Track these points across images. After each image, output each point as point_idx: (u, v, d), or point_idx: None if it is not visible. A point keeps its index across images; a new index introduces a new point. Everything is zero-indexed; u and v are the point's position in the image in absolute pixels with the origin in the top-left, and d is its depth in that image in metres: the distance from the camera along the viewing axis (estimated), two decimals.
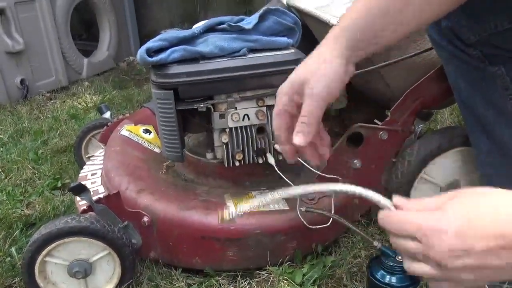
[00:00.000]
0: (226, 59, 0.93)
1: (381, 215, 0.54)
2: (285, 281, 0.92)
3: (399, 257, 0.74)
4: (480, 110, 0.86)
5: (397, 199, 0.56)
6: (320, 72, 0.65)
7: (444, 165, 0.99)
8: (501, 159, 0.87)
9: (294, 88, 0.66)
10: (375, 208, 0.98)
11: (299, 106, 0.67)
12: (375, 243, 0.77)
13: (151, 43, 0.92)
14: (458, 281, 0.47)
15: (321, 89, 0.65)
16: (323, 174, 0.97)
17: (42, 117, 2.03)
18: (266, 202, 0.65)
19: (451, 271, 0.47)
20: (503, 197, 0.47)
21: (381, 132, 0.98)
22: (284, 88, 0.68)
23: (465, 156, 1.00)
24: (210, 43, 0.93)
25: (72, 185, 0.89)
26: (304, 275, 0.92)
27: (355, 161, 0.99)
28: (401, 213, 0.53)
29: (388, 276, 0.75)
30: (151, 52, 0.92)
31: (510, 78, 0.80)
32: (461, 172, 1.02)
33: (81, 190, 0.90)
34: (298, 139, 0.65)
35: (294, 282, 0.91)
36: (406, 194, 0.99)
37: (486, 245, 0.44)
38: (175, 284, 0.94)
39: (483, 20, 0.76)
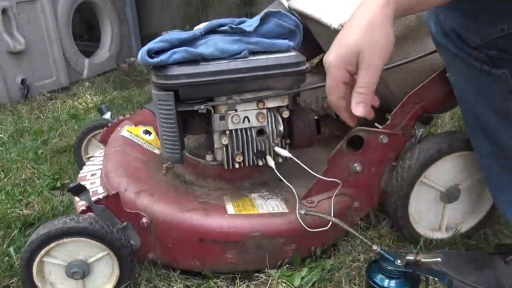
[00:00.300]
0: (226, 61, 0.93)
1: None
2: (284, 284, 0.92)
3: (398, 261, 0.74)
4: (483, 112, 0.86)
5: None
6: (376, 42, 0.64)
7: (444, 169, 0.99)
8: (503, 162, 0.87)
9: (349, 60, 0.65)
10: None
11: (352, 75, 0.67)
12: (374, 247, 0.77)
13: (152, 44, 0.92)
14: None
15: (379, 60, 0.64)
16: (323, 178, 0.97)
17: (42, 117, 2.03)
18: None
19: None
20: None
21: (381, 136, 0.98)
22: (338, 61, 0.65)
23: (465, 160, 1.00)
24: (211, 45, 0.93)
25: (71, 185, 0.89)
26: (302, 278, 0.92)
27: (355, 164, 0.99)
28: None
29: (387, 280, 0.75)
30: (152, 53, 0.92)
31: None
32: (461, 176, 1.01)
33: (80, 190, 0.90)
34: (360, 109, 0.66)
35: (293, 285, 0.91)
36: (406, 197, 0.99)
37: None
38: (173, 286, 0.94)
39: (488, 23, 0.76)
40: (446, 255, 0.91)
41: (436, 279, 0.77)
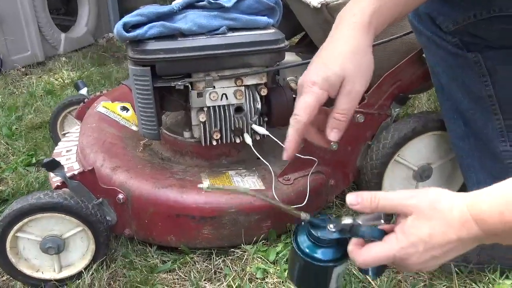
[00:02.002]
0: (205, 36, 0.92)
1: (355, 254, 0.60)
2: (259, 259, 0.93)
3: (331, 226, 0.63)
4: (457, 95, 0.88)
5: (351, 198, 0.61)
6: (359, 69, 0.64)
7: (418, 149, 1.02)
8: (474, 144, 0.90)
9: (333, 84, 0.64)
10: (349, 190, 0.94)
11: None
12: (303, 215, 0.66)
13: (129, 18, 0.90)
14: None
15: (361, 86, 0.65)
16: (300, 156, 0.98)
17: (17, 92, 1.98)
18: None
19: (422, 269, 0.57)
20: (450, 206, 0.54)
21: (358, 115, 0.99)
22: (323, 83, 0.63)
23: (438, 140, 1.02)
24: (189, 20, 0.92)
25: (45, 160, 0.88)
26: (278, 253, 0.94)
27: (332, 143, 1.00)
28: (373, 251, 0.58)
29: (314, 248, 0.63)
30: (128, 27, 0.90)
31: (486, 66, 0.82)
32: (433, 156, 1.04)
33: (54, 166, 0.89)
34: (335, 135, 0.66)
35: (268, 260, 0.93)
36: (380, 176, 1.01)
37: (448, 248, 0.53)
38: (150, 261, 0.95)
39: (462, 10, 0.77)
40: None
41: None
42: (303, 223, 0.66)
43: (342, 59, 0.64)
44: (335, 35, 0.67)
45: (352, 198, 0.60)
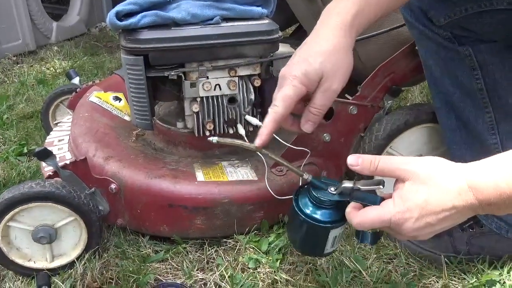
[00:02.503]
0: (198, 26, 0.91)
1: (352, 216, 0.61)
2: (251, 249, 0.94)
3: (332, 189, 0.65)
4: (448, 89, 0.88)
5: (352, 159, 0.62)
6: (338, 68, 0.67)
7: (410, 141, 1.02)
8: (466, 136, 0.91)
9: (312, 80, 0.67)
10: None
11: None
12: (305, 176, 0.68)
13: (122, 7, 0.90)
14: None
15: (338, 85, 0.67)
16: (293, 147, 0.98)
17: (8, 81, 1.96)
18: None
19: (417, 237, 0.58)
20: (448, 174, 0.55)
21: (351, 107, 0.99)
22: (303, 78, 0.66)
23: (430, 133, 1.03)
24: (183, 10, 0.92)
25: (37, 149, 0.87)
26: (270, 243, 0.94)
27: (325, 134, 1.00)
28: (370, 214, 0.59)
29: (313, 209, 0.65)
30: (121, 16, 0.90)
31: (477, 59, 0.83)
32: (425, 148, 1.05)
33: (46, 155, 0.88)
34: (309, 127, 0.69)
35: (260, 250, 0.93)
36: None
37: (444, 216, 0.54)
38: (142, 251, 0.95)
39: (453, 4, 0.78)
40: None
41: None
42: (305, 186, 0.68)
43: (322, 57, 0.66)
44: (319, 32, 0.69)
45: (353, 159, 0.61)
